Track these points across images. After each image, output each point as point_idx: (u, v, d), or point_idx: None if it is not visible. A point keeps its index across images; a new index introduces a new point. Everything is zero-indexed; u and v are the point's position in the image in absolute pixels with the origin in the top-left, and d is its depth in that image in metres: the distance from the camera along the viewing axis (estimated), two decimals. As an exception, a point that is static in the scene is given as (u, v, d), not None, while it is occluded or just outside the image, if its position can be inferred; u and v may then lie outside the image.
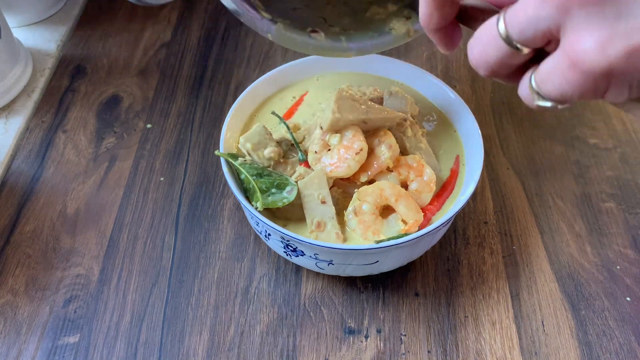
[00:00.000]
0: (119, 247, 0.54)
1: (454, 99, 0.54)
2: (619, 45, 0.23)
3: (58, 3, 0.77)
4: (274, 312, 0.49)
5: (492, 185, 0.58)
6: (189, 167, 0.60)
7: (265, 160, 0.49)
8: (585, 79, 0.25)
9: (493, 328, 0.48)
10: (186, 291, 0.51)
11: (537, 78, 0.27)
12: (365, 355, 0.47)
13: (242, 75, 0.69)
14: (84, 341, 0.48)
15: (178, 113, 0.65)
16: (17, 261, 0.53)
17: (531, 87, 0.27)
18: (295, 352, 0.47)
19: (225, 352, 0.47)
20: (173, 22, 0.77)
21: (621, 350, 0.47)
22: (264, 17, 0.41)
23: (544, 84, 0.27)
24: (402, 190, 0.47)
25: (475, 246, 0.54)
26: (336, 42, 0.44)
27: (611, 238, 0.54)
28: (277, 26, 0.42)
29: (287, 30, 0.42)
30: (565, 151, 0.62)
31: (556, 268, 0.52)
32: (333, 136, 0.47)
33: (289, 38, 0.43)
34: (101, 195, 0.58)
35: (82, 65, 0.71)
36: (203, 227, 0.55)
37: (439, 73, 0.70)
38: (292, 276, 0.52)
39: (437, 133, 0.54)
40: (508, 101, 0.67)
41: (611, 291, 0.50)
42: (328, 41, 0.43)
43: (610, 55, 0.24)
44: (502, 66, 0.28)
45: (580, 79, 0.25)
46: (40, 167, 0.60)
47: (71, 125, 0.64)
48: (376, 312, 0.49)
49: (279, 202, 0.46)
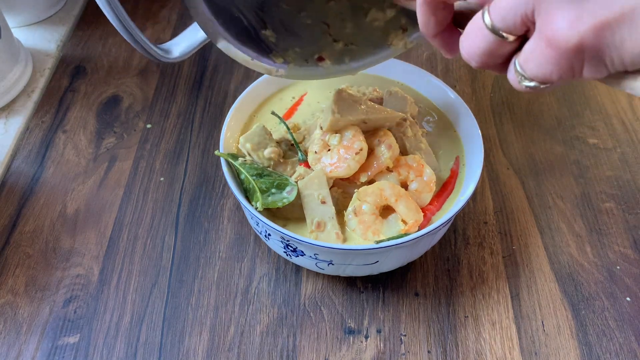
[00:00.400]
0: (119, 247, 0.54)
1: (454, 99, 0.54)
2: (587, 21, 0.26)
3: (58, 3, 0.77)
4: (274, 312, 0.49)
5: (492, 185, 0.58)
6: (189, 167, 0.60)
7: (265, 161, 0.49)
8: (560, 56, 0.27)
9: (493, 328, 0.48)
10: (186, 291, 0.51)
11: (520, 60, 0.29)
12: (365, 355, 0.47)
13: (242, 75, 0.69)
14: (84, 341, 0.48)
15: (178, 113, 0.65)
16: (17, 261, 0.53)
17: (516, 69, 0.30)
18: (295, 352, 0.47)
19: (225, 352, 0.47)
20: (173, 22, 0.77)
21: (621, 350, 0.47)
22: (276, 62, 0.45)
23: (526, 64, 0.29)
24: (402, 190, 0.47)
25: (475, 246, 0.54)
26: (341, 65, 0.47)
27: (611, 238, 0.54)
28: (290, 65, 0.46)
29: (297, 64, 0.46)
30: (565, 151, 0.62)
31: (556, 268, 0.52)
32: (333, 136, 0.47)
33: (299, 72, 0.46)
34: (101, 195, 0.58)
35: (82, 65, 0.71)
36: (203, 227, 0.55)
37: (439, 73, 0.70)
38: (292, 276, 0.52)
39: (437, 133, 0.54)
40: (508, 101, 0.67)
41: (611, 291, 0.50)
42: (334, 66, 0.47)
43: (580, 31, 0.26)
44: (491, 56, 0.30)
45: (556, 55, 0.27)
46: (40, 167, 0.60)
47: (71, 125, 0.64)
48: (376, 312, 0.49)
49: (279, 202, 0.46)
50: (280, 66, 0.45)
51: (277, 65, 0.45)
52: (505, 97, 0.67)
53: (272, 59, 0.44)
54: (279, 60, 0.45)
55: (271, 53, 0.44)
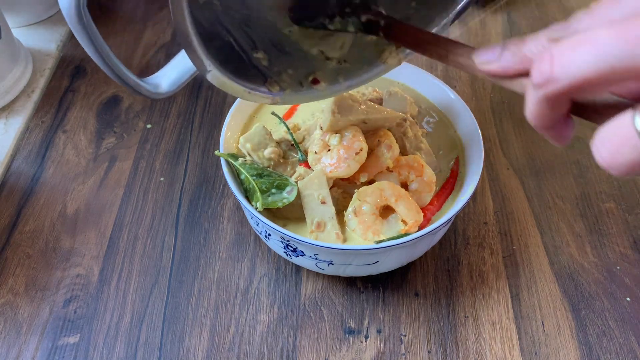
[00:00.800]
0: (119, 247, 0.54)
1: (454, 99, 0.54)
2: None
3: (58, 3, 0.77)
4: (274, 313, 0.49)
5: (492, 185, 0.58)
6: (189, 167, 0.60)
7: (265, 161, 0.49)
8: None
9: (493, 328, 0.48)
10: (186, 291, 0.51)
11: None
12: (365, 355, 0.47)
13: (242, 75, 0.69)
14: (84, 341, 0.48)
15: (178, 113, 0.65)
16: (17, 261, 0.53)
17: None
18: (295, 352, 0.47)
19: (225, 352, 0.47)
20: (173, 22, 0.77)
21: (621, 351, 0.47)
22: (273, 91, 0.44)
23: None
24: (402, 191, 0.47)
25: (475, 246, 0.54)
26: (335, 85, 0.46)
27: (611, 238, 0.54)
28: (286, 91, 0.44)
29: (293, 90, 0.45)
30: (565, 151, 0.62)
31: (556, 268, 0.52)
32: (333, 136, 0.47)
33: (296, 97, 0.45)
34: (101, 195, 0.58)
35: (82, 65, 0.71)
36: (203, 227, 0.55)
37: (439, 73, 0.70)
38: (292, 276, 0.52)
39: (437, 133, 0.54)
40: (508, 101, 0.67)
41: (611, 291, 0.50)
42: (330, 87, 0.46)
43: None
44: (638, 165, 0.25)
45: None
46: (40, 167, 0.60)
47: (71, 125, 0.64)
48: (376, 312, 0.49)
49: (279, 202, 0.46)
50: (277, 94, 0.44)
51: (274, 94, 0.44)
52: (505, 97, 0.67)
53: (267, 88, 0.43)
54: (275, 89, 0.43)
55: (266, 82, 0.43)
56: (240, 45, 0.41)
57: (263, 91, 0.43)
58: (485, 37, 0.74)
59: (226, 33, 0.40)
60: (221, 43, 0.39)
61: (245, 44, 0.41)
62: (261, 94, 0.43)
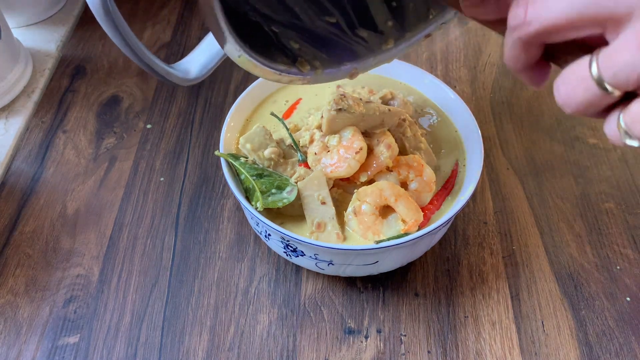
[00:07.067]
0: (119, 248, 0.54)
1: (453, 99, 0.54)
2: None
3: (58, 3, 0.77)
4: (274, 313, 0.49)
5: (492, 185, 0.58)
6: (189, 167, 0.60)
7: (265, 161, 0.49)
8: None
9: (493, 328, 0.48)
10: (186, 291, 0.51)
11: (626, 119, 0.27)
12: (365, 355, 0.47)
13: (242, 75, 0.69)
14: (84, 341, 0.48)
15: (178, 113, 0.65)
16: (17, 261, 0.53)
17: (619, 125, 0.27)
18: (295, 352, 0.47)
19: (225, 352, 0.47)
20: (173, 22, 0.77)
21: (621, 351, 0.47)
22: (303, 71, 0.41)
23: (634, 124, 0.26)
24: (402, 190, 0.47)
25: (475, 246, 0.54)
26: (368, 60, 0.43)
27: (611, 238, 0.54)
28: (317, 70, 0.42)
29: (325, 69, 0.42)
30: (565, 151, 0.62)
31: (556, 268, 0.52)
32: (332, 137, 0.47)
33: (327, 76, 0.43)
34: (101, 195, 0.58)
35: (82, 65, 0.71)
36: (203, 227, 0.55)
37: (439, 73, 0.70)
38: (292, 276, 0.52)
39: (437, 133, 0.54)
40: (508, 101, 0.67)
41: (611, 291, 0.50)
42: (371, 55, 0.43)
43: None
44: (590, 106, 0.28)
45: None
46: (40, 167, 0.60)
47: (71, 125, 0.64)
48: (376, 312, 0.49)
49: (279, 202, 0.46)
50: (307, 74, 0.41)
51: (304, 74, 0.41)
52: (505, 97, 0.67)
53: (298, 68, 0.41)
54: (305, 69, 0.41)
55: (296, 62, 0.41)
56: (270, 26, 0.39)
57: (294, 72, 0.41)
58: (485, 37, 0.74)
59: (254, 13, 0.38)
60: (250, 25, 0.38)
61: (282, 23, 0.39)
62: (291, 76, 0.41)
